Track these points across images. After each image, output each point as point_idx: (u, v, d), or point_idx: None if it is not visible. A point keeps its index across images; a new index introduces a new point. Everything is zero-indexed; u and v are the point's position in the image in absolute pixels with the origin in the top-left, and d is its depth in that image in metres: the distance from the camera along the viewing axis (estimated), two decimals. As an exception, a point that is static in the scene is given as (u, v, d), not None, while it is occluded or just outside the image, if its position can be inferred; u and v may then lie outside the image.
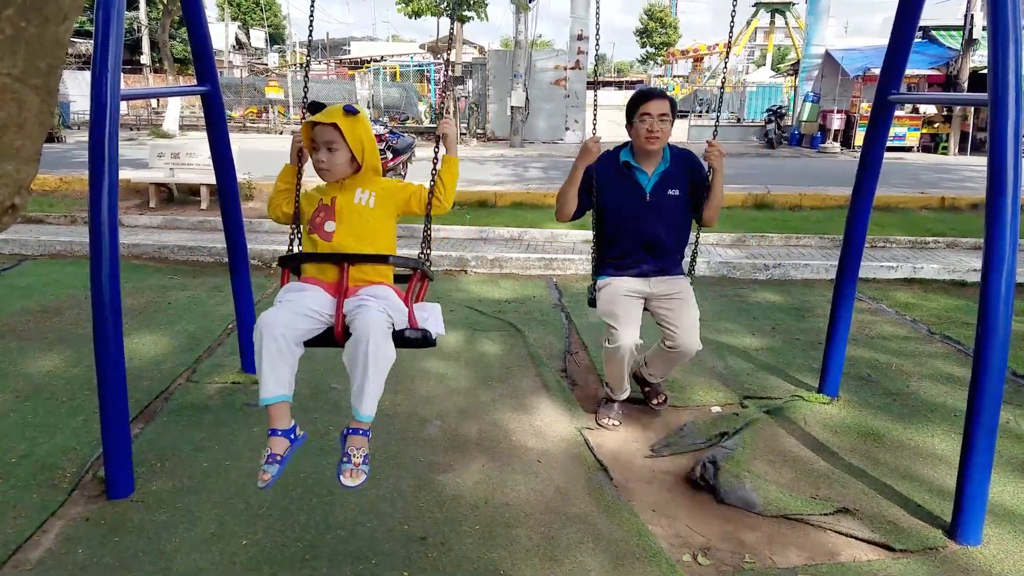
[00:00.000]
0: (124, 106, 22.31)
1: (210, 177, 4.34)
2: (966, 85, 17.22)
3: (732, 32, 3.30)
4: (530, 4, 18.44)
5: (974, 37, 16.93)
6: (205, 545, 2.53)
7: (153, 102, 24.56)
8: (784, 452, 3.27)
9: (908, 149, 18.28)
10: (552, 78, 19.98)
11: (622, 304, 3.30)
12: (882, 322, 5.16)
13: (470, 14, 19.92)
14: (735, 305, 5.55)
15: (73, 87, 21.39)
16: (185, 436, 3.29)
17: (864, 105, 18.09)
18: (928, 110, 18.65)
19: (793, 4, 32.06)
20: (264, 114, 24.45)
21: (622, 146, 3.43)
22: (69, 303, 5.17)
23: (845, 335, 3.72)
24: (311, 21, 2.72)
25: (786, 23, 33.41)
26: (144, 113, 24.50)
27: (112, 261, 2.63)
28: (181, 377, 3.95)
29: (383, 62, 29.45)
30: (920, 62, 18.09)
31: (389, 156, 9.96)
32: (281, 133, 21.52)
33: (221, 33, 33.41)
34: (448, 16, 19.43)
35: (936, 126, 18.68)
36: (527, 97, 18.65)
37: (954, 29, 19.00)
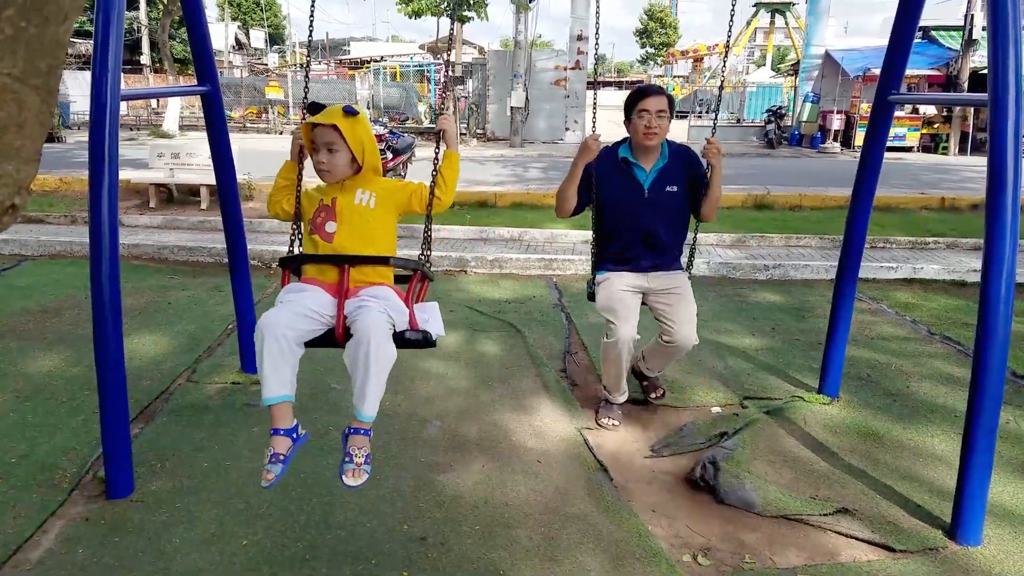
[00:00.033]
0: (124, 106, 22.31)
1: (210, 177, 4.34)
2: (966, 85, 17.24)
3: (731, 33, 3.32)
4: (530, 4, 18.45)
5: (974, 37, 16.95)
6: (205, 545, 2.53)
7: (153, 102, 24.56)
8: (784, 452, 3.27)
9: (908, 149, 18.29)
10: (552, 78, 19.99)
11: (620, 299, 3.33)
12: (882, 322, 5.16)
13: (470, 14, 19.93)
14: (735, 305, 5.55)
15: (73, 87, 21.40)
16: (185, 436, 3.29)
17: (864, 105, 18.10)
18: (928, 110, 18.66)
19: (793, 4, 32.07)
20: (264, 114, 24.46)
21: (621, 142, 3.45)
22: (69, 303, 5.17)
23: (845, 335, 3.72)
24: (311, 22, 2.71)
25: (786, 23, 33.42)
26: (144, 113, 24.50)
27: (112, 261, 2.63)
28: (181, 377, 3.95)
29: (383, 62, 29.45)
30: (920, 62, 18.10)
31: (389, 156, 9.96)
32: (281, 133, 21.52)
33: (221, 33, 33.41)
34: (448, 16, 19.46)
35: (936, 126, 18.69)
36: (527, 97, 18.66)
37: (954, 29, 19.01)
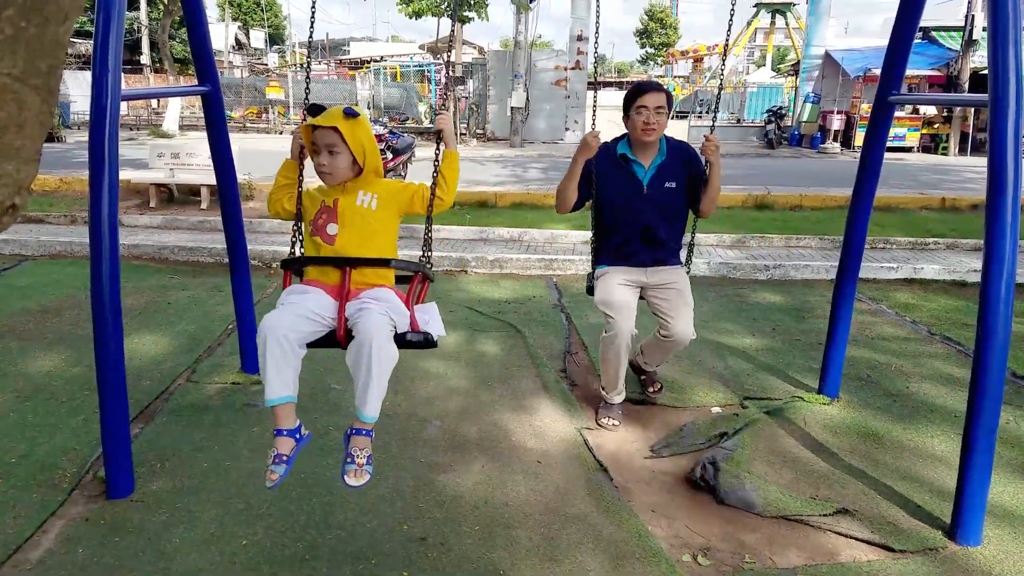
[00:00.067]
0: (124, 106, 22.31)
1: (210, 177, 4.34)
2: (966, 86, 17.24)
3: (730, 34, 3.35)
4: (531, 4, 18.45)
5: (974, 38, 16.95)
6: (205, 545, 2.53)
7: (153, 102, 24.55)
8: (784, 453, 3.27)
9: (908, 150, 18.29)
10: (552, 78, 19.99)
11: (618, 293, 3.37)
12: (882, 323, 5.16)
13: (470, 15, 19.92)
14: (735, 306, 5.55)
15: (73, 87, 21.41)
16: (185, 436, 3.29)
17: (864, 106, 18.10)
18: (928, 111, 18.66)
19: (793, 5, 32.08)
20: (264, 114, 24.45)
21: (620, 138, 3.48)
22: (69, 303, 5.17)
23: (845, 336, 3.72)
24: (312, 23, 2.71)
25: (786, 24, 33.43)
26: (144, 113, 24.50)
27: (112, 261, 2.63)
28: (181, 377, 3.95)
29: (383, 62, 29.45)
30: (920, 63, 18.11)
31: (389, 156, 9.96)
32: (281, 133, 21.52)
33: (221, 33, 33.42)
34: (448, 17, 19.46)
35: (936, 127, 18.69)
36: (527, 97, 18.66)
37: (954, 30, 19.01)
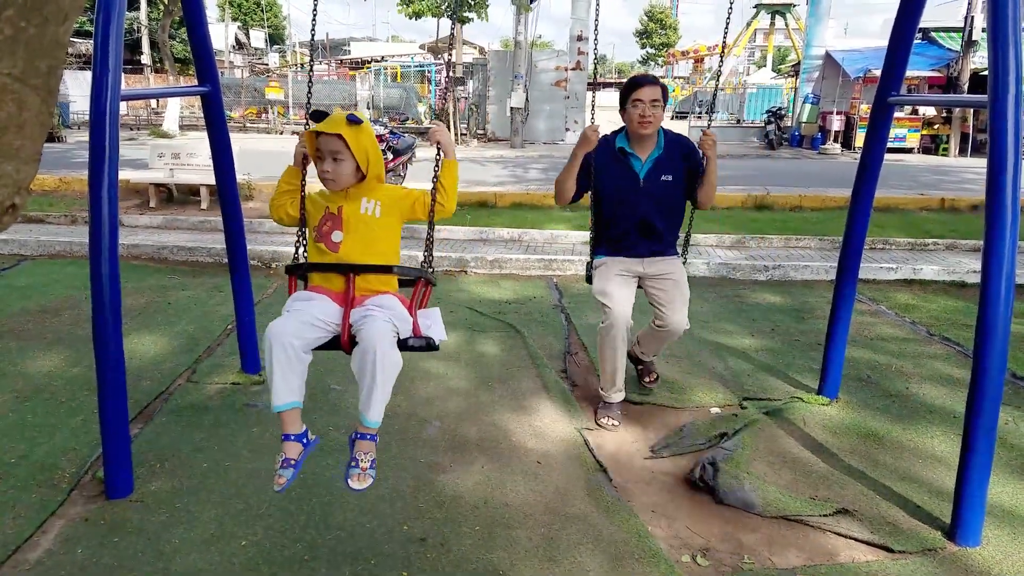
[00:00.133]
0: (124, 106, 22.32)
1: (210, 177, 4.34)
2: (966, 87, 17.24)
3: (727, 34, 3.40)
4: (531, 5, 18.45)
5: (974, 39, 16.95)
6: (204, 545, 2.53)
7: (153, 102, 24.56)
8: (783, 453, 3.27)
9: (908, 151, 18.30)
10: (552, 79, 19.99)
11: (615, 283, 3.43)
12: (882, 323, 5.17)
13: (471, 15, 19.93)
14: (735, 306, 5.55)
15: (73, 87, 21.41)
16: (184, 436, 3.29)
17: (864, 106, 18.11)
18: (928, 112, 18.67)
19: (793, 5, 32.10)
20: (264, 114, 24.45)
21: (618, 132, 3.53)
22: (68, 303, 5.17)
23: (844, 336, 3.72)
24: (313, 25, 2.72)
25: (786, 24, 33.45)
26: (144, 113, 24.50)
27: (112, 261, 2.63)
28: (181, 377, 3.95)
29: (383, 63, 29.44)
30: (920, 64, 18.10)
31: (389, 157, 9.95)
32: (281, 133, 21.52)
33: (221, 33, 33.44)
34: (449, 17, 19.45)
35: (936, 128, 18.70)
36: (527, 98, 18.66)
37: (954, 31, 19.00)
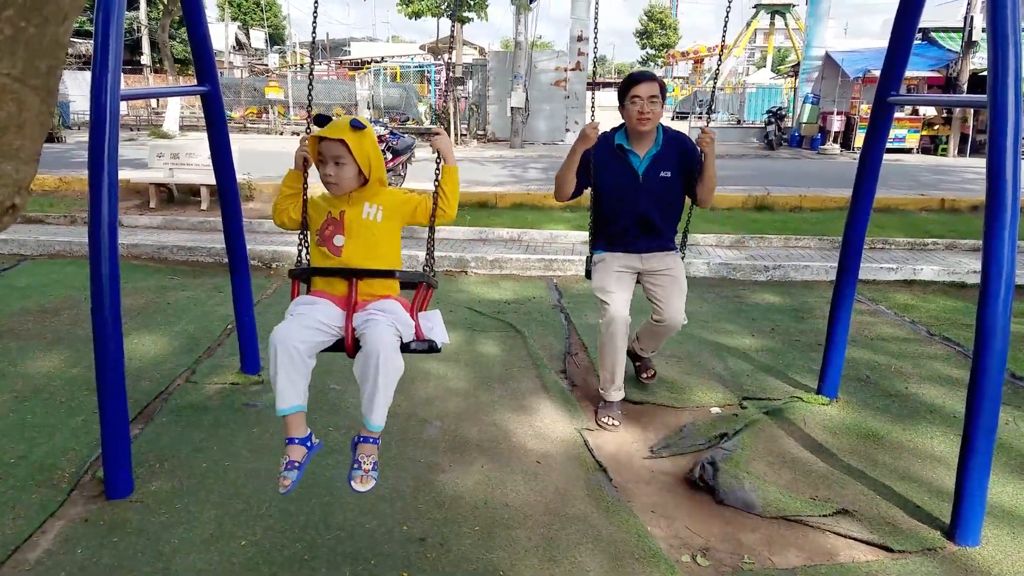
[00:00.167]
0: (124, 106, 22.33)
1: (210, 177, 4.34)
2: (966, 87, 17.24)
3: (726, 34, 3.42)
4: (531, 5, 18.45)
5: (974, 39, 16.95)
6: (204, 546, 2.53)
7: (153, 102, 24.57)
8: (783, 453, 3.27)
9: (908, 151, 18.30)
10: (552, 79, 19.99)
11: (614, 279, 3.47)
12: (881, 323, 5.17)
13: (470, 15, 19.93)
14: (734, 306, 5.55)
15: (73, 87, 21.41)
16: (184, 437, 3.29)
17: (864, 107, 18.11)
18: (928, 112, 18.67)
19: (793, 6, 32.08)
20: (264, 115, 24.45)
21: (617, 129, 3.55)
22: (68, 303, 5.17)
23: (844, 336, 3.72)
24: (314, 28, 2.73)
25: (786, 24, 33.43)
26: (144, 113, 24.51)
27: (112, 261, 2.63)
28: (180, 377, 3.95)
29: (383, 63, 29.44)
30: (920, 64, 18.11)
31: (389, 157, 9.96)
32: (281, 134, 21.52)
33: (221, 33, 33.44)
34: (449, 18, 19.45)
35: (936, 128, 18.70)
36: (527, 98, 18.67)
37: (954, 31, 19.01)
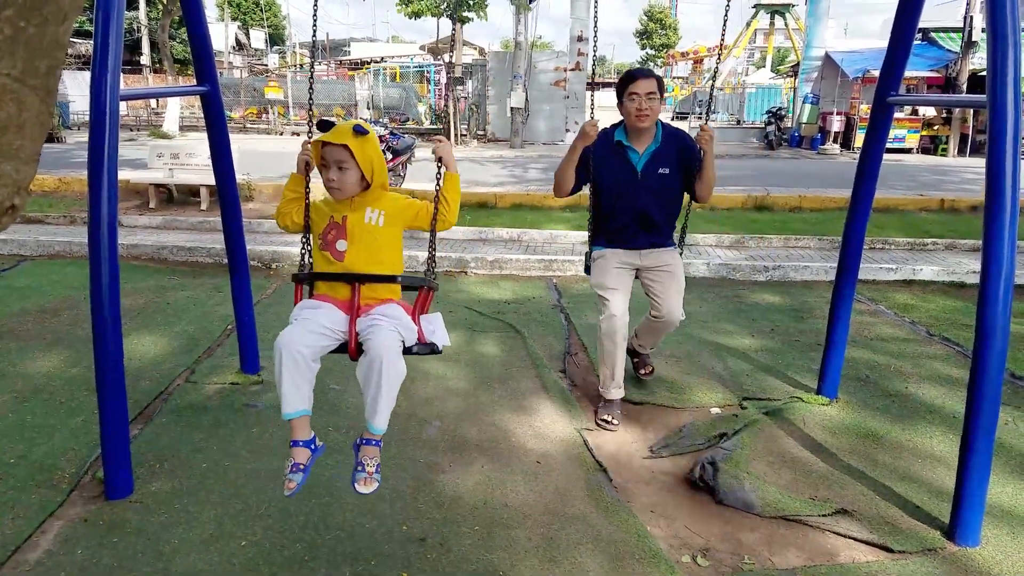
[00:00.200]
0: (124, 106, 22.32)
1: (210, 178, 4.34)
2: (965, 87, 17.24)
3: (724, 34, 3.43)
4: (530, 5, 18.45)
5: (973, 39, 16.95)
6: (204, 546, 2.53)
7: (152, 102, 24.56)
8: (783, 453, 3.27)
9: (907, 151, 18.30)
10: (552, 79, 20.00)
11: (613, 276, 3.50)
12: (881, 324, 5.17)
13: (470, 15, 19.92)
14: (734, 306, 5.55)
15: (73, 87, 21.39)
16: (184, 437, 3.29)
17: (864, 107, 18.11)
18: (928, 112, 18.67)
19: (793, 6, 32.07)
20: (264, 115, 24.44)
21: (617, 125, 3.57)
22: (68, 304, 5.17)
23: (844, 337, 3.72)
24: (314, 30, 2.73)
25: (786, 25, 33.42)
26: (144, 113, 24.50)
27: (111, 261, 2.63)
28: (180, 378, 3.95)
29: (383, 63, 29.44)
30: (919, 64, 18.11)
31: (389, 157, 9.96)
32: (281, 134, 21.51)
33: (221, 33, 33.43)
34: (449, 18, 19.45)
35: (936, 128, 18.70)
36: (527, 98, 18.67)
37: (953, 31, 19.02)
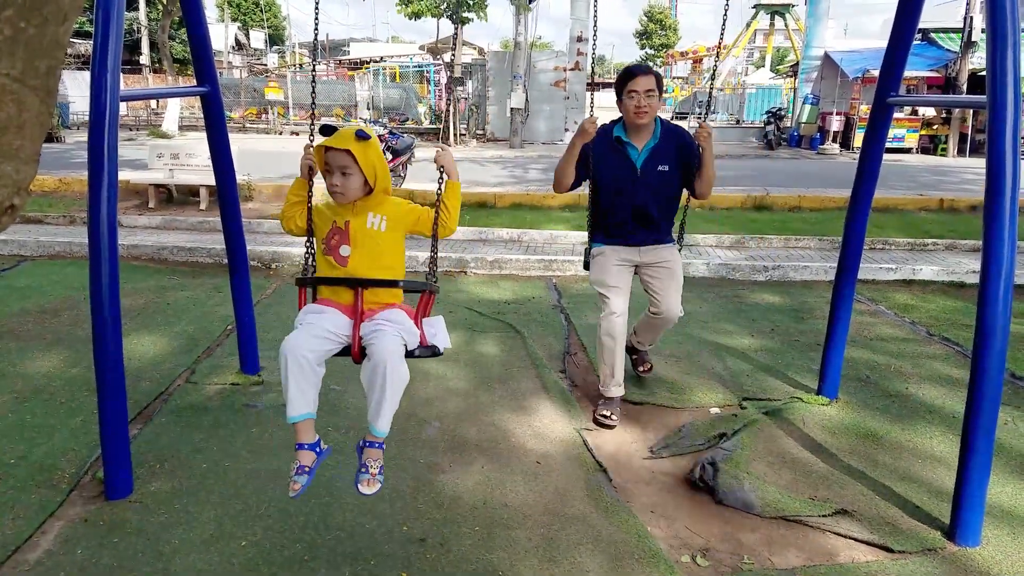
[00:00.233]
0: (123, 107, 22.30)
1: (209, 178, 4.34)
2: (965, 87, 17.25)
3: (723, 34, 3.44)
4: (530, 5, 18.45)
5: (973, 39, 16.96)
6: (204, 546, 2.53)
7: (152, 103, 24.57)
8: (783, 453, 3.27)
9: (907, 151, 18.31)
10: (552, 79, 20.01)
11: (613, 274, 3.52)
12: (881, 324, 5.17)
13: (470, 15, 19.92)
14: (734, 306, 5.55)
15: (73, 87, 21.40)
16: (184, 437, 3.29)
17: (863, 107, 18.11)
18: (927, 112, 18.67)
19: (793, 6, 32.06)
20: (264, 115, 24.44)
21: (616, 122, 3.58)
22: (68, 304, 5.16)
23: (844, 336, 3.72)
24: (316, 32, 2.74)
25: (785, 25, 33.39)
26: (143, 114, 24.50)
27: (111, 262, 2.63)
28: (180, 378, 3.95)
29: (383, 63, 29.44)
30: (919, 64, 18.12)
31: (389, 157, 9.96)
32: (280, 134, 21.51)
33: (221, 34, 33.42)
34: (449, 18, 19.44)
35: (935, 128, 18.71)
36: (527, 98, 18.67)
37: (953, 31, 19.03)
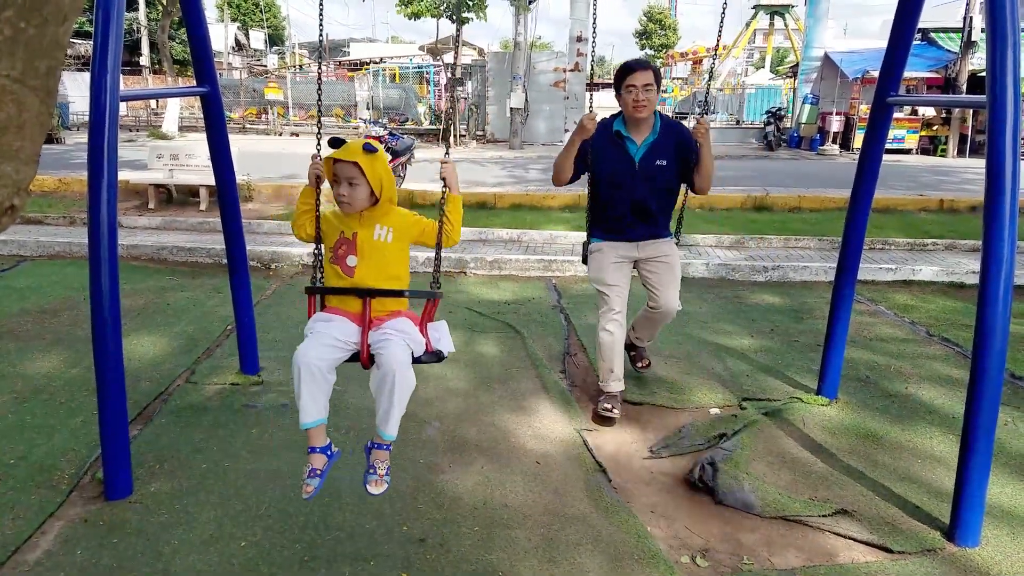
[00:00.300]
0: (123, 107, 22.30)
1: (209, 178, 4.34)
2: (965, 87, 17.25)
3: (721, 33, 3.48)
4: (530, 5, 18.45)
5: (973, 39, 16.96)
6: (204, 546, 2.53)
7: (152, 103, 24.57)
8: (783, 454, 3.27)
9: (907, 151, 18.31)
10: (551, 80, 20.01)
11: (612, 271, 3.54)
12: (881, 324, 5.17)
13: (469, 15, 19.93)
14: (734, 307, 5.55)
15: (72, 88, 21.40)
16: (184, 437, 3.29)
17: (863, 107, 18.11)
18: (927, 112, 18.67)
19: (792, 6, 32.07)
20: (263, 115, 24.45)
21: (616, 116, 3.59)
22: (68, 304, 5.16)
23: (844, 337, 3.72)
24: (320, 33, 2.75)
25: (785, 25, 33.41)
26: (143, 114, 24.50)
27: (111, 262, 2.63)
28: (180, 378, 3.95)
29: (382, 64, 29.44)
30: (919, 64, 18.11)
31: (389, 158, 9.96)
32: (280, 135, 21.51)
33: (220, 34, 33.43)
34: (449, 19, 19.45)
35: (935, 128, 18.71)
36: (526, 99, 18.67)
37: (953, 31, 19.02)
